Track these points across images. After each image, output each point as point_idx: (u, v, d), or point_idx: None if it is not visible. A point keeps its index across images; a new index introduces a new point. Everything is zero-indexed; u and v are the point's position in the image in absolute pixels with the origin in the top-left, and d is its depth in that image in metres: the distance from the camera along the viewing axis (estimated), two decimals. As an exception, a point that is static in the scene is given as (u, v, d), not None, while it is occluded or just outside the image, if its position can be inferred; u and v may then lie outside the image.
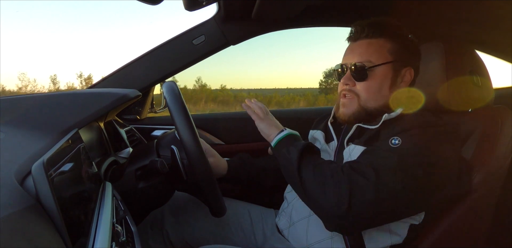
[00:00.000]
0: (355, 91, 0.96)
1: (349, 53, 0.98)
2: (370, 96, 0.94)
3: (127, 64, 1.36)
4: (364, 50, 0.95)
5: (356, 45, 0.97)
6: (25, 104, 0.86)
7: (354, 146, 0.93)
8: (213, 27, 1.36)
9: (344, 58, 0.99)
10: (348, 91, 0.96)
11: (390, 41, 0.94)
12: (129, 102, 1.09)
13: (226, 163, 1.12)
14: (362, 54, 0.94)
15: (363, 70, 0.93)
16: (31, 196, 0.47)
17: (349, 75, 0.95)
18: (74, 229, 0.50)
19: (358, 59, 0.94)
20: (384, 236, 0.89)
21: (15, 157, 0.59)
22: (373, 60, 0.93)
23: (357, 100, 0.95)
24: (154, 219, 1.07)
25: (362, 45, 0.95)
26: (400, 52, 0.94)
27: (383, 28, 0.94)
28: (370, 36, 0.95)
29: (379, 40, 0.94)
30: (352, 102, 0.96)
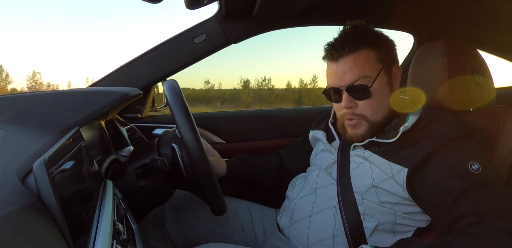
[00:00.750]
0: (358, 113, 0.92)
1: (337, 74, 0.91)
2: (377, 111, 0.92)
3: (128, 62, 1.36)
4: (353, 67, 0.89)
5: (340, 64, 0.91)
6: (27, 102, 0.86)
7: (371, 153, 0.90)
8: (214, 26, 1.36)
9: (333, 80, 0.93)
10: (352, 114, 0.92)
11: (372, 48, 0.90)
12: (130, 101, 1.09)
13: (225, 163, 1.12)
14: (354, 72, 0.89)
15: (366, 89, 0.89)
16: (32, 194, 0.48)
17: (349, 97, 0.90)
18: (75, 227, 0.50)
19: (351, 78, 0.89)
20: (388, 237, 0.89)
21: (17, 155, 0.59)
22: (368, 74, 0.89)
23: (365, 119, 0.92)
24: (155, 217, 1.07)
25: (348, 62, 0.90)
26: (385, 55, 0.92)
27: (360, 37, 0.90)
28: (352, 51, 0.89)
29: (362, 51, 0.90)
30: (360, 123, 0.93)
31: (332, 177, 0.99)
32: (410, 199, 0.86)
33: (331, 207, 0.93)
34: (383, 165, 0.87)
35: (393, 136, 0.88)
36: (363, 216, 0.89)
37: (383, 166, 0.87)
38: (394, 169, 0.85)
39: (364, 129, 0.93)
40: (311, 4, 1.31)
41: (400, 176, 0.84)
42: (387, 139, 0.89)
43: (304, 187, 1.04)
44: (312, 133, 1.18)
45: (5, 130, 0.74)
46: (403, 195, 0.86)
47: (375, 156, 0.89)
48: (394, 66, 0.95)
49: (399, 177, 0.84)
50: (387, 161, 0.87)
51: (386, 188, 0.87)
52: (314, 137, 1.16)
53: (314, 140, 1.18)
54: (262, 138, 1.58)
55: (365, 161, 0.92)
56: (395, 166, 0.85)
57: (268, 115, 1.67)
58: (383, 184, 0.87)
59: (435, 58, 1.01)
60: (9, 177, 0.50)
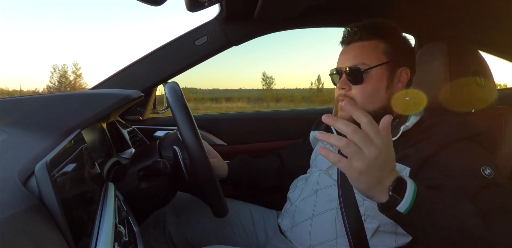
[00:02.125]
0: (350, 96, 0.94)
1: (343, 57, 0.97)
2: (367, 100, 0.93)
3: (130, 65, 1.37)
4: (358, 53, 0.94)
5: (349, 48, 0.96)
6: (28, 105, 0.86)
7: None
8: (215, 28, 1.36)
9: (339, 62, 0.98)
10: (343, 96, 0.95)
11: (384, 42, 0.93)
12: (132, 103, 1.09)
13: (226, 165, 1.12)
14: (356, 56, 0.93)
15: (358, 73, 0.92)
16: (34, 196, 0.48)
17: (345, 79, 0.94)
18: (77, 229, 0.50)
19: (352, 62, 0.93)
20: (389, 238, 0.89)
21: (18, 158, 0.60)
22: (368, 62, 0.92)
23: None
24: (156, 219, 1.07)
25: (356, 48, 0.95)
26: (395, 53, 0.93)
27: (376, 29, 0.94)
28: (363, 38, 0.94)
29: (372, 42, 0.93)
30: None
31: (333, 178, 0.98)
32: None
33: (332, 209, 0.93)
34: None
35: (393, 135, 0.87)
36: (364, 217, 0.89)
37: None
38: (397, 168, 0.84)
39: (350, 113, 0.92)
40: (312, 5, 1.31)
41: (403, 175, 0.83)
42: None
43: (305, 189, 1.03)
44: (312, 133, 1.18)
45: (7, 133, 0.74)
46: None
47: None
48: (402, 68, 0.95)
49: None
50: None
51: None
52: (314, 137, 1.16)
53: (314, 141, 1.18)
54: (263, 140, 1.58)
55: None
56: (397, 165, 0.84)
57: (269, 117, 1.67)
58: None
59: (437, 59, 1.01)
60: (11, 180, 0.50)
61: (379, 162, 0.59)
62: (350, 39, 0.96)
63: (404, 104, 0.94)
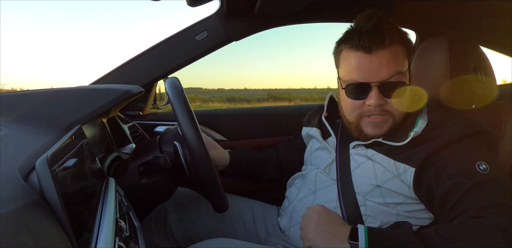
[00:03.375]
0: (387, 110, 0.86)
1: (370, 68, 0.82)
2: (403, 110, 0.88)
3: (130, 60, 1.36)
4: (390, 61, 0.82)
5: (376, 57, 0.81)
6: (29, 100, 0.86)
7: (375, 152, 0.88)
8: (215, 23, 1.35)
9: (361, 74, 0.83)
10: (381, 111, 0.85)
11: (402, 45, 0.86)
12: (132, 98, 1.09)
13: (228, 154, 1.13)
14: (390, 67, 0.81)
15: (403, 87, 0.83)
16: (35, 191, 0.48)
17: (379, 94, 0.83)
18: (78, 224, 0.50)
19: (387, 74, 0.82)
20: None
21: (19, 153, 0.60)
22: (401, 70, 0.84)
23: (391, 118, 0.87)
24: (157, 214, 1.08)
25: (385, 56, 0.81)
26: (410, 53, 0.89)
27: (395, 31, 0.85)
28: (390, 43, 0.81)
29: (397, 47, 0.84)
30: (386, 121, 0.87)
31: (331, 178, 0.97)
32: (415, 198, 0.85)
33: (331, 209, 0.92)
34: (388, 164, 0.85)
35: (401, 140, 0.84)
36: (364, 217, 0.88)
37: (388, 165, 0.85)
38: (400, 168, 0.84)
39: (387, 128, 0.88)
40: (313, 1, 1.30)
41: (406, 176, 0.83)
42: (394, 142, 0.85)
43: (302, 188, 1.03)
44: (305, 130, 1.14)
45: (8, 128, 0.75)
46: (409, 195, 0.85)
47: (380, 155, 0.87)
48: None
49: (406, 176, 0.83)
50: (393, 160, 0.85)
51: (391, 188, 0.86)
52: (307, 134, 1.13)
53: (307, 138, 1.15)
54: (264, 135, 1.58)
55: (367, 160, 0.90)
56: (401, 165, 0.83)
57: (270, 113, 1.67)
58: (388, 184, 0.86)
59: (437, 54, 1.00)
60: (12, 175, 0.50)
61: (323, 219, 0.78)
62: (376, 46, 0.81)
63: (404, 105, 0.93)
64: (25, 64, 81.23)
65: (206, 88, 12.15)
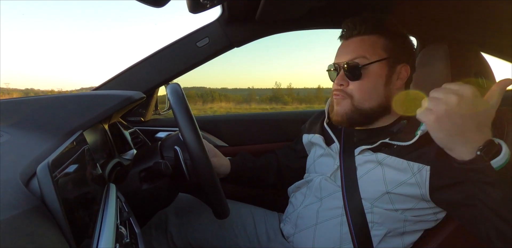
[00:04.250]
0: (347, 92, 0.92)
1: (342, 52, 0.95)
2: (364, 96, 0.91)
3: (132, 66, 1.37)
4: (357, 48, 0.91)
5: (348, 43, 0.94)
6: (31, 106, 0.87)
7: (386, 155, 0.87)
8: (217, 29, 1.36)
9: (337, 57, 0.96)
10: (340, 91, 0.93)
11: (383, 37, 0.91)
12: (134, 104, 1.09)
13: (229, 162, 1.13)
14: (355, 51, 0.91)
15: (357, 69, 0.90)
16: (36, 197, 0.48)
17: (343, 74, 0.92)
18: (79, 230, 0.50)
19: (351, 57, 0.91)
20: (396, 240, 0.88)
21: (21, 159, 0.60)
22: (368, 56, 0.90)
23: (350, 100, 0.92)
24: (158, 220, 1.07)
25: (355, 43, 0.92)
26: (394, 49, 0.91)
27: (375, 24, 0.92)
28: (362, 33, 0.92)
29: (372, 37, 0.91)
30: (344, 101, 0.93)
31: (336, 185, 0.96)
32: (427, 200, 0.83)
33: (337, 216, 0.92)
34: (401, 165, 0.84)
35: (408, 139, 0.84)
36: (371, 225, 0.87)
37: (401, 166, 0.84)
38: (415, 167, 0.82)
39: (345, 108, 0.93)
40: (313, 7, 1.31)
41: (422, 175, 0.81)
42: (402, 142, 0.85)
43: (308, 195, 1.02)
44: (307, 137, 1.14)
45: (9, 134, 0.75)
46: (421, 197, 0.83)
47: (392, 157, 0.86)
48: (402, 65, 0.93)
49: (421, 175, 0.81)
50: (406, 161, 0.83)
51: (402, 192, 0.84)
52: (310, 141, 1.12)
53: (309, 145, 1.14)
54: (265, 141, 1.58)
55: (377, 166, 0.88)
56: (415, 165, 0.82)
57: (270, 118, 1.67)
58: (399, 189, 0.84)
59: (438, 60, 1.01)
60: (13, 181, 0.50)
61: (462, 110, 0.61)
62: (349, 33, 0.93)
63: (405, 105, 0.93)
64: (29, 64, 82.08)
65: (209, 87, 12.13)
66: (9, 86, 13.81)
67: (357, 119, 0.93)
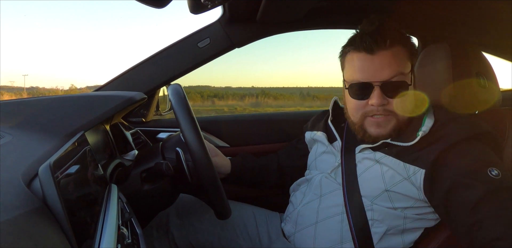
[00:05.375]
0: (390, 110, 0.87)
1: (372, 68, 0.85)
2: (407, 109, 0.88)
3: (133, 67, 1.37)
4: (392, 63, 0.84)
5: (378, 57, 0.84)
6: (32, 107, 0.87)
7: (384, 155, 0.88)
8: (218, 30, 1.36)
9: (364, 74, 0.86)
10: (383, 110, 0.87)
11: (405, 46, 0.88)
12: (135, 105, 1.09)
13: (229, 162, 1.13)
14: (392, 67, 0.84)
15: (405, 87, 0.85)
16: (37, 198, 0.48)
17: (381, 93, 0.84)
18: (80, 231, 0.50)
19: (389, 74, 0.84)
20: (396, 239, 0.88)
21: (23, 159, 0.60)
22: (404, 70, 0.85)
23: (395, 117, 0.88)
24: (159, 221, 1.07)
25: (387, 57, 0.84)
26: (412, 55, 0.90)
27: (396, 33, 0.87)
28: (390, 45, 0.84)
29: (399, 48, 0.86)
30: (388, 120, 0.88)
31: (337, 182, 0.96)
32: (425, 201, 0.85)
33: (337, 214, 0.92)
34: (397, 166, 0.85)
35: (410, 139, 0.84)
36: (371, 222, 0.88)
37: (397, 167, 0.85)
38: (410, 170, 0.83)
39: (391, 127, 0.88)
40: (314, 7, 1.31)
41: (416, 178, 0.82)
42: (403, 143, 0.85)
43: (307, 193, 1.02)
44: (310, 134, 1.14)
45: (11, 135, 0.75)
46: (418, 197, 0.84)
47: (388, 157, 0.87)
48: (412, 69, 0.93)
49: (416, 178, 0.82)
50: (402, 162, 0.84)
51: (400, 191, 0.85)
52: (312, 138, 1.12)
53: (311, 142, 1.15)
54: (266, 141, 1.58)
55: (376, 164, 0.89)
56: (410, 167, 0.83)
57: (272, 119, 1.67)
58: (397, 187, 0.85)
59: (440, 60, 1.01)
60: (15, 181, 0.50)
61: None
62: (378, 47, 0.84)
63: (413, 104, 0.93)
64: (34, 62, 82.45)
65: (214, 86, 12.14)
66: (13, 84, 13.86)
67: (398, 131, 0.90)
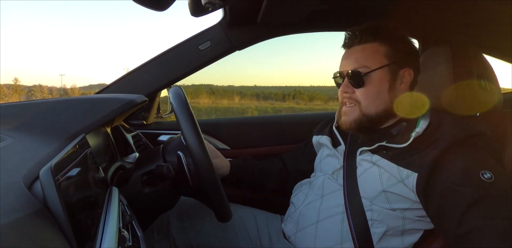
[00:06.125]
0: (355, 98, 0.96)
1: (345, 60, 0.98)
2: (370, 102, 0.94)
3: (134, 69, 1.37)
4: (359, 56, 0.95)
5: (350, 51, 0.97)
6: (34, 109, 0.87)
7: (380, 158, 0.90)
8: (218, 33, 1.37)
9: (341, 66, 0.99)
10: (348, 98, 0.97)
11: (384, 44, 0.94)
12: (136, 108, 1.09)
13: (229, 163, 1.13)
14: (358, 60, 0.94)
15: (360, 76, 0.93)
16: (38, 200, 0.48)
17: (347, 82, 0.95)
18: (81, 234, 0.50)
19: (353, 66, 0.94)
20: (396, 240, 0.89)
21: (24, 162, 0.60)
22: (369, 65, 0.93)
23: (358, 107, 0.95)
24: (160, 224, 1.07)
25: (357, 51, 0.96)
26: (396, 54, 0.94)
27: (376, 32, 0.95)
28: (363, 41, 0.95)
29: (373, 45, 0.95)
30: (353, 110, 0.96)
31: (338, 183, 0.98)
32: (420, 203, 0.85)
33: (338, 213, 0.93)
34: (391, 169, 0.87)
35: (404, 141, 0.87)
36: (370, 222, 0.88)
37: (391, 170, 0.87)
38: (403, 173, 0.85)
39: (354, 117, 0.96)
40: (315, 10, 1.31)
41: (409, 181, 0.84)
42: (398, 144, 0.88)
43: (309, 193, 1.03)
44: (316, 138, 1.18)
45: (12, 138, 0.75)
46: (415, 199, 0.85)
47: (384, 160, 0.89)
48: (405, 69, 0.95)
49: (409, 181, 0.84)
50: (396, 166, 0.86)
51: (397, 192, 0.86)
52: (318, 142, 1.16)
53: (318, 146, 1.18)
54: (267, 144, 1.58)
55: (373, 166, 0.91)
56: (404, 171, 0.85)
57: (272, 121, 1.67)
58: (394, 188, 0.86)
59: (440, 63, 1.01)
60: (16, 184, 0.50)
61: None
62: (351, 42, 0.97)
63: (407, 108, 0.94)
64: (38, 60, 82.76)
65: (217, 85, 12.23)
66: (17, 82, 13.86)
67: (365, 124, 0.96)
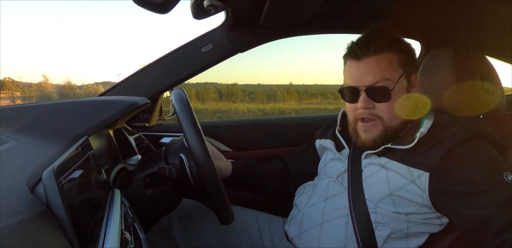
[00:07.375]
0: (375, 114, 0.90)
1: (358, 74, 0.90)
2: (394, 115, 0.90)
3: (136, 72, 1.38)
4: (376, 69, 0.88)
5: (363, 64, 0.89)
6: (36, 112, 0.87)
7: (388, 160, 0.89)
8: (221, 35, 1.37)
9: (352, 79, 0.91)
10: (369, 114, 0.90)
11: (396, 53, 0.90)
12: (138, 110, 1.09)
13: (230, 164, 1.13)
14: (376, 73, 0.88)
15: (387, 92, 0.87)
16: (41, 202, 0.48)
17: (366, 97, 0.89)
18: (83, 236, 0.50)
19: (373, 79, 0.88)
20: (401, 243, 0.88)
21: (27, 164, 0.60)
22: (390, 77, 0.88)
23: (381, 122, 0.90)
24: (162, 226, 1.07)
25: (371, 63, 0.88)
26: (408, 61, 0.92)
27: (388, 40, 0.90)
28: (377, 52, 0.88)
29: (387, 55, 0.89)
30: (375, 126, 0.91)
31: (343, 186, 0.97)
32: (429, 206, 0.84)
33: (342, 216, 0.92)
34: (402, 170, 0.86)
35: (409, 142, 0.86)
36: (375, 225, 0.88)
37: (402, 171, 0.85)
38: (415, 173, 0.84)
39: (377, 133, 0.91)
40: (317, 12, 1.32)
41: (421, 181, 0.82)
42: (403, 145, 0.86)
43: (313, 196, 1.03)
44: (319, 142, 1.17)
45: (15, 140, 0.75)
46: (422, 203, 0.84)
47: (393, 162, 0.88)
48: (413, 74, 0.94)
49: (421, 182, 0.82)
50: (406, 166, 0.85)
51: (404, 196, 0.85)
52: (321, 146, 1.15)
53: (321, 149, 1.17)
54: (269, 146, 1.58)
55: (381, 169, 0.90)
56: (415, 171, 0.84)
57: (275, 123, 1.67)
58: (401, 192, 0.85)
59: (443, 65, 1.01)
60: (19, 186, 0.50)
61: None
62: (363, 54, 0.89)
63: (410, 109, 0.93)
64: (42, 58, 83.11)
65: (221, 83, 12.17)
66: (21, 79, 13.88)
67: (390, 137, 0.92)
